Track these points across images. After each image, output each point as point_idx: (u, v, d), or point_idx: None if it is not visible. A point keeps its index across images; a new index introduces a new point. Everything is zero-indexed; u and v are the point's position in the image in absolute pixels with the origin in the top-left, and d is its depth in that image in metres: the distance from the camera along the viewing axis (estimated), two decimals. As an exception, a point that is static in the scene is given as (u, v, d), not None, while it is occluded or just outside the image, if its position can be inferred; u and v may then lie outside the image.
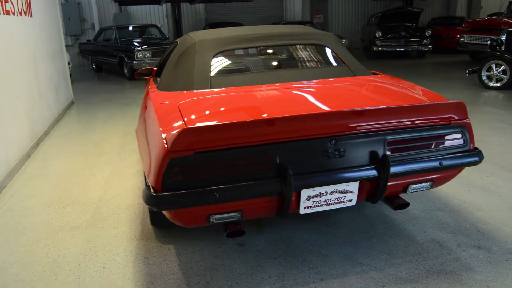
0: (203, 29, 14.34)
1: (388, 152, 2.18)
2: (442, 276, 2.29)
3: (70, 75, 8.49)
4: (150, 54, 10.50)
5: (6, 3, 4.45)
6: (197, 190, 1.92)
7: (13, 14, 4.68)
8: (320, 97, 2.45)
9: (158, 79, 3.26)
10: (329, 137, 2.05)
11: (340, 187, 2.14)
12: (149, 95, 2.87)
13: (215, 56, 2.89)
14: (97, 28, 14.38)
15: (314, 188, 2.11)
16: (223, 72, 2.92)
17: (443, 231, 2.76)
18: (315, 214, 2.98)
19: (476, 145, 2.51)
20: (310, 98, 2.46)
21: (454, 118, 2.26)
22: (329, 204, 2.19)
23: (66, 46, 15.16)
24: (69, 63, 10.96)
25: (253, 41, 3.03)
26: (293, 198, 2.12)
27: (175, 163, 1.90)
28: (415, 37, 12.64)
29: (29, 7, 5.43)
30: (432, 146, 2.27)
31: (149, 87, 3.30)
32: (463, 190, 3.37)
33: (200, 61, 2.81)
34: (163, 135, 1.99)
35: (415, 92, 2.58)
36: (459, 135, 2.30)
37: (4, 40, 4.34)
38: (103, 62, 12.28)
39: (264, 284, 2.28)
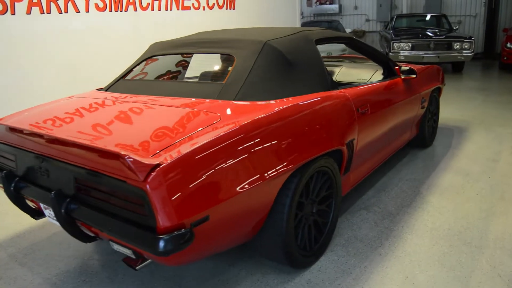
0: None
1: (76, 190, 1.93)
2: None
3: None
4: (409, 46, 9.77)
5: (186, 0, 5.68)
6: None
7: (196, 8, 5.88)
8: (117, 115, 2.31)
9: None
10: (41, 156, 2.08)
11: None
12: None
13: (145, 60, 3.01)
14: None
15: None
16: (135, 77, 3.01)
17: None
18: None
19: None
20: (110, 114, 2.35)
21: (132, 176, 1.59)
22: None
23: (373, 32, 15.92)
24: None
25: (177, 48, 2.89)
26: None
27: None
28: None
29: (231, 2, 6.52)
30: (110, 201, 1.79)
31: None
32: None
33: (132, 64, 3.03)
34: None
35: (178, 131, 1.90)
36: (137, 202, 1.64)
37: (177, 30, 5.61)
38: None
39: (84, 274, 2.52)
